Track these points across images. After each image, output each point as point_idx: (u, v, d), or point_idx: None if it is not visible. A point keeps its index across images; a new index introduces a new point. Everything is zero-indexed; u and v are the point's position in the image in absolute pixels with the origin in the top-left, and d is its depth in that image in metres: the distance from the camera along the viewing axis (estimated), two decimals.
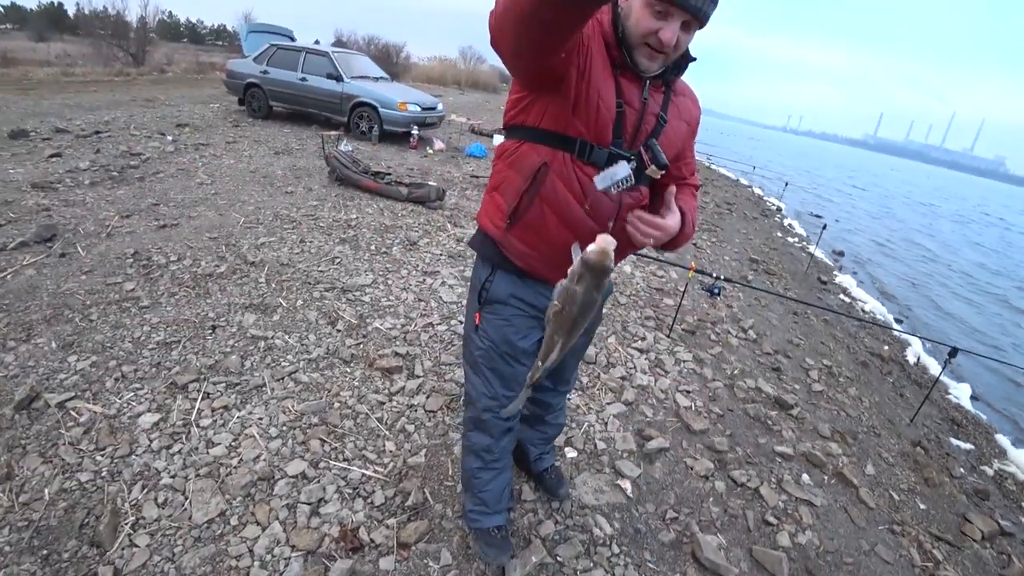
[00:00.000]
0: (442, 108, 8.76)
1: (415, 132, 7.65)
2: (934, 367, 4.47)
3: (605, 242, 0.74)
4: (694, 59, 1.03)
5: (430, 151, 7.72)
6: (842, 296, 6.08)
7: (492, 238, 1.16)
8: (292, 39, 9.21)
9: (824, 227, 6.69)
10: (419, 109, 7.81)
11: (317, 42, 10.74)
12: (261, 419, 1.96)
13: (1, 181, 4.45)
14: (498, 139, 7.38)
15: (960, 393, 4.19)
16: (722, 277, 3.27)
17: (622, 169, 0.97)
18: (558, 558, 1.54)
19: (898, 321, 6.00)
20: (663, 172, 1.01)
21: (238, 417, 1.95)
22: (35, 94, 9.51)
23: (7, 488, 1.52)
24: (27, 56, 16.07)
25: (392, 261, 3.54)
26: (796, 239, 8.44)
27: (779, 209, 10.99)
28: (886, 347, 4.66)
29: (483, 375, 1.28)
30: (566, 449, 2.05)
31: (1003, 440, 3.51)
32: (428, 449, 1.88)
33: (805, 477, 2.23)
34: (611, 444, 2.12)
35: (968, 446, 3.31)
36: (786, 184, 13.47)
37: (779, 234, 8.35)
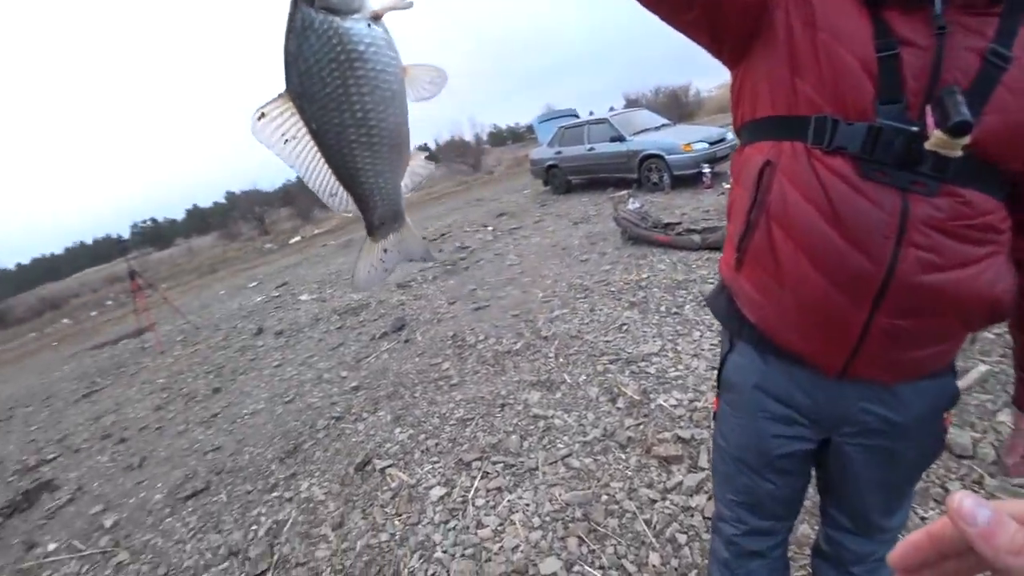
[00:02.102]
0: (732, 137, 8.52)
1: (707, 170, 7.74)
2: None
3: None
4: None
5: (727, 186, 7.49)
6: None
7: (726, 288, 0.96)
8: (576, 116, 11.33)
9: None
10: (706, 146, 8.03)
11: (591, 113, 12.59)
12: (528, 505, 2.12)
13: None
14: None
15: None
16: None
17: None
18: None
19: None
20: (964, 142, 0.64)
21: (508, 500, 2.17)
22: (409, 213, 13.99)
23: (338, 535, 2.12)
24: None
25: (683, 322, 3.41)
26: None
27: None
28: None
29: (716, 475, 1.08)
30: None
31: None
32: (700, 572, 1.62)
33: None
34: None
35: None
36: None
37: None
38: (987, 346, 2.48)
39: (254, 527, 2.44)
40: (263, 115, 0.59)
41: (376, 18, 0.58)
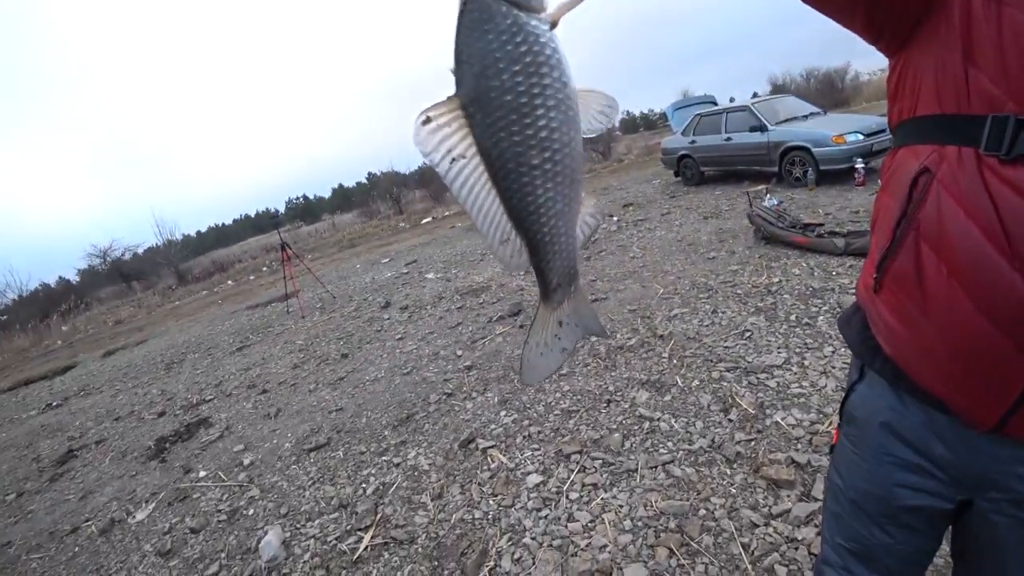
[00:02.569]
0: None
1: (860, 166, 6.91)
2: None
3: None
4: None
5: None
6: None
7: (861, 311, 0.86)
8: (715, 104, 10.93)
9: None
10: (861, 137, 7.21)
11: (732, 100, 11.70)
12: (622, 507, 2.11)
13: (500, 271, 6.85)
14: None
15: None
16: None
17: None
18: None
19: None
20: None
21: (602, 498, 2.18)
22: None
23: (436, 505, 2.29)
24: None
25: (815, 335, 3.12)
26: None
27: None
28: None
29: (826, 514, 0.98)
30: None
31: None
32: None
33: None
34: None
35: None
36: None
37: None
38: None
39: (364, 485, 2.70)
40: (428, 119, 0.51)
41: (554, 23, 0.51)
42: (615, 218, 8.39)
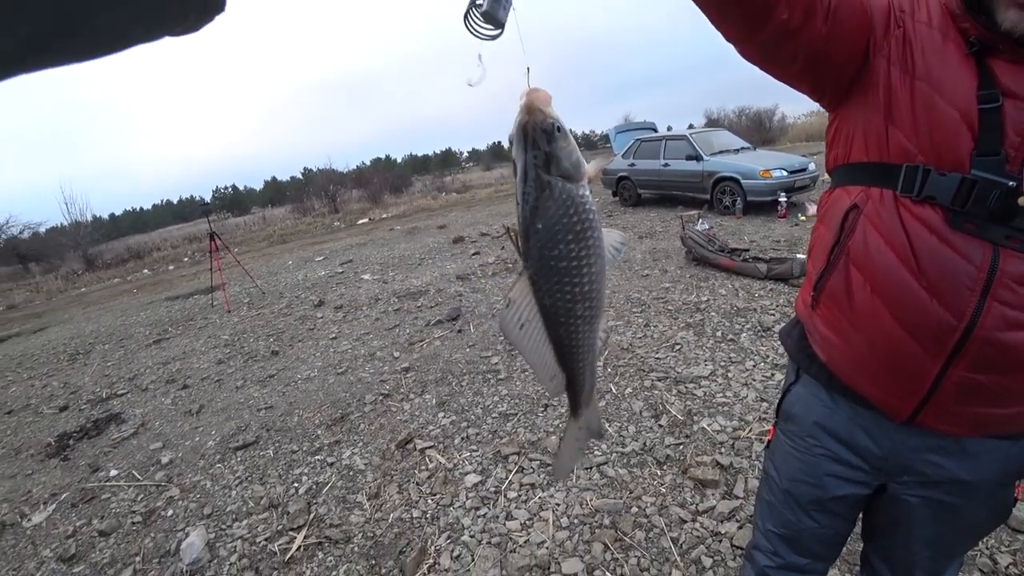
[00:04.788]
0: (814, 168, 8.34)
1: (783, 199, 7.55)
2: None
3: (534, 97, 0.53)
4: None
5: (802, 217, 7.31)
6: None
7: (800, 324, 0.99)
8: (655, 130, 11.24)
9: None
10: (785, 174, 7.85)
11: (669, 128, 12.39)
12: (559, 505, 2.16)
13: (443, 274, 6.81)
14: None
15: None
16: None
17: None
18: None
19: None
20: None
21: (539, 497, 2.22)
22: (475, 209, 14.24)
23: (373, 504, 2.24)
24: (477, 182, 24.43)
25: (738, 350, 3.33)
26: None
27: None
28: None
29: (760, 503, 1.08)
30: None
31: None
32: None
33: None
34: None
35: None
36: None
37: None
38: None
39: (296, 484, 2.60)
40: (510, 302, 0.57)
41: (589, 181, 0.57)
42: None
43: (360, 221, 17.97)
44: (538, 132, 0.53)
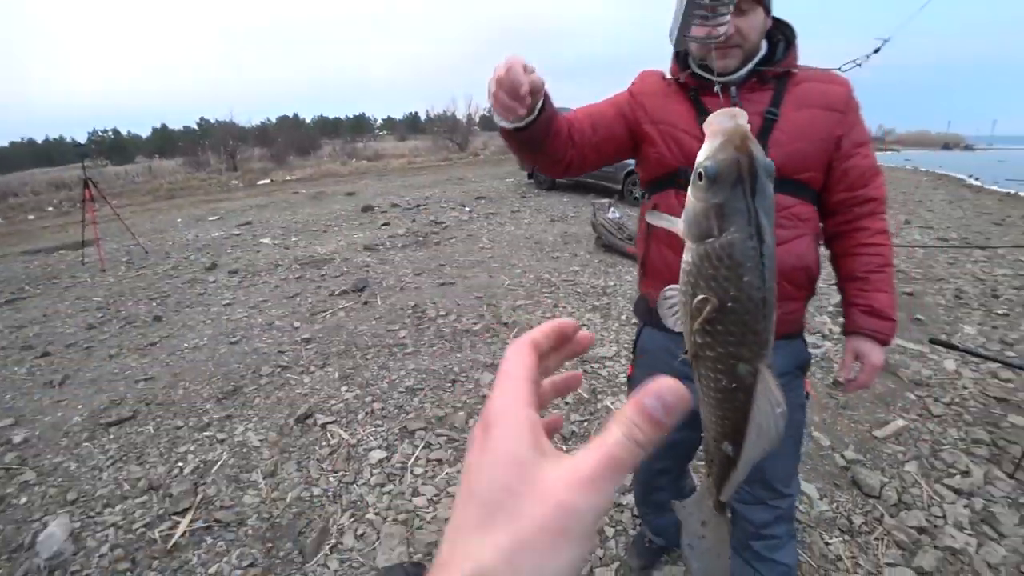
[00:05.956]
0: None
1: None
2: None
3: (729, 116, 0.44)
4: (789, 36, 1.12)
5: None
6: None
7: (642, 295, 1.33)
8: None
9: None
10: None
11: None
12: None
13: (350, 243, 6.50)
14: None
15: None
16: None
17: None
18: None
19: None
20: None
21: (446, 473, 2.19)
22: (387, 179, 13.73)
23: (269, 483, 2.09)
24: (391, 152, 23.59)
25: None
26: None
27: None
28: None
29: None
30: None
31: None
32: (622, 565, 1.69)
33: None
34: None
35: None
36: None
37: None
38: (907, 404, 2.66)
39: (180, 464, 2.37)
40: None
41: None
42: (468, 208, 8.47)
43: (261, 181, 16.68)
44: (763, 172, 0.43)
